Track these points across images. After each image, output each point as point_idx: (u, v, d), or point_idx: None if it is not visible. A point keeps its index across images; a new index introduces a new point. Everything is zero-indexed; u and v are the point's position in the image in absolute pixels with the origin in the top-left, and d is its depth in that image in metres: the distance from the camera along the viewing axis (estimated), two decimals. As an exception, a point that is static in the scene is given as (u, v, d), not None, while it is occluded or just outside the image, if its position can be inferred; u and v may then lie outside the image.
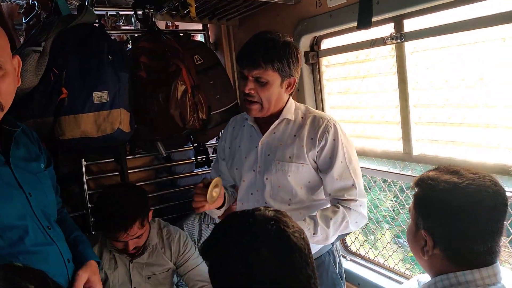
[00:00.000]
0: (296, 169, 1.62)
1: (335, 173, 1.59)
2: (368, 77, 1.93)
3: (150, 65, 2.28)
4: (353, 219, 1.59)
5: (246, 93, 1.60)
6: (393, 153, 1.86)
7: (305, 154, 1.61)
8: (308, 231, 1.50)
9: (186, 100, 2.23)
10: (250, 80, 1.57)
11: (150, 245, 2.04)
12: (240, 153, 1.76)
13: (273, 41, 1.57)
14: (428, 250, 1.09)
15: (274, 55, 1.55)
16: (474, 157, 1.53)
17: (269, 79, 1.57)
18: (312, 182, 1.65)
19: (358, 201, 1.59)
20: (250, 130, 1.76)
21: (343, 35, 1.98)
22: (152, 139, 2.37)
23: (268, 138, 1.69)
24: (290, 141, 1.65)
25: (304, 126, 1.65)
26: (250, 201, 1.72)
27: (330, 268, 1.76)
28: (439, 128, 1.65)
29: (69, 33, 2.04)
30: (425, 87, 1.68)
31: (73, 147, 2.12)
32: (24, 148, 1.36)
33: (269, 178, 1.65)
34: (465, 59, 1.51)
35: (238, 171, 1.76)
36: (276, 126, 1.68)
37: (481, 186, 1.03)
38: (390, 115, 1.85)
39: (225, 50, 2.72)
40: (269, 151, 1.67)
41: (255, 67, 1.55)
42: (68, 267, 1.38)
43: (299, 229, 0.96)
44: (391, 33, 1.70)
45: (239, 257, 0.90)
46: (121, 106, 2.02)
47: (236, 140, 1.80)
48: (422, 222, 1.10)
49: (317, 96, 2.20)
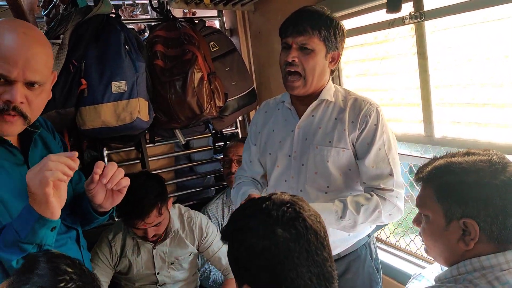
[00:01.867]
0: (336, 154, 1.54)
1: (372, 159, 1.51)
2: (387, 58, 1.89)
3: (166, 53, 2.28)
4: (387, 211, 1.48)
5: (288, 63, 1.51)
6: (414, 135, 1.83)
7: (347, 138, 1.53)
8: (336, 214, 1.44)
9: (203, 87, 2.23)
10: (294, 48, 1.50)
11: (172, 231, 2.08)
12: (273, 137, 1.67)
13: (319, 11, 1.53)
14: (474, 237, 1.00)
15: (322, 23, 1.49)
16: (500, 139, 1.48)
17: (315, 47, 1.49)
18: (353, 169, 1.56)
19: (395, 191, 1.49)
20: (286, 113, 1.67)
21: (361, 15, 1.94)
22: (171, 127, 2.39)
23: (306, 121, 1.60)
24: (330, 124, 1.56)
25: (346, 109, 1.56)
26: (284, 188, 1.62)
27: (366, 262, 1.68)
28: (462, 109, 1.61)
29: (86, 25, 2.06)
30: (446, 67, 1.63)
31: (95, 136, 2.16)
32: (43, 146, 1.35)
33: (305, 163, 1.57)
34: (490, 37, 1.45)
35: (272, 156, 1.67)
36: (315, 108, 1.59)
37: (503, 161, 1.02)
38: (411, 96, 1.81)
39: (241, 36, 2.69)
40: (306, 135, 1.59)
41: (301, 33, 1.48)
42: (83, 254, 1.39)
43: (315, 213, 0.98)
44: (410, 12, 1.66)
45: (255, 237, 0.92)
46: (139, 95, 2.04)
47: (269, 124, 1.71)
48: (459, 210, 1.01)
49: (335, 79, 2.17)
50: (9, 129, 1.14)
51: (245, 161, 1.81)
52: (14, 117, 1.12)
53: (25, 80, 1.10)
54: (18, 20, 1.24)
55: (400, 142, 1.93)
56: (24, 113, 1.13)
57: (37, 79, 1.12)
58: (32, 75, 1.11)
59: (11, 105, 1.09)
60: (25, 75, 1.09)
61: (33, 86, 1.13)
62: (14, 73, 1.07)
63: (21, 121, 1.14)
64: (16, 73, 1.08)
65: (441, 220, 1.05)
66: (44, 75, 1.15)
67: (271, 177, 1.69)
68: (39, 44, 1.14)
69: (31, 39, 1.12)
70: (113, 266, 2.07)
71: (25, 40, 1.10)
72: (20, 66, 1.08)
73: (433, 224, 1.07)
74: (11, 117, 1.11)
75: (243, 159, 1.83)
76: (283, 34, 1.54)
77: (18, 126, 1.15)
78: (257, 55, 2.69)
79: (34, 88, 1.13)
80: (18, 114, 1.12)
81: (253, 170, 1.77)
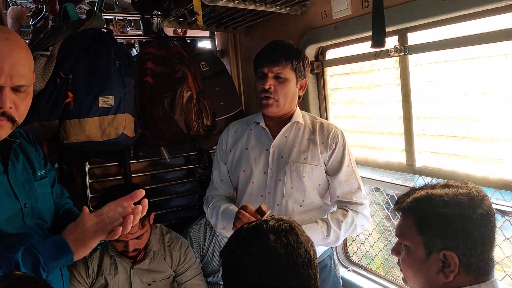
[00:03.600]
0: (311, 171, 1.72)
1: (343, 176, 1.72)
2: (372, 87, 1.94)
3: (156, 71, 2.30)
4: (360, 222, 1.70)
5: (264, 90, 1.71)
6: (395, 164, 1.86)
7: (319, 157, 1.73)
8: (322, 233, 1.62)
9: (191, 106, 2.25)
10: (269, 77, 1.71)
11: (152, 251, 2.05)
12: (248, 154, 1.80)
13: (290, 45, 1.77)
14: (454, 270, 1.01)
15: (293, 55, 1.72)
16: (477, 171, 1.53)
17: (288, 76, 1.71)
18: (322, 185, 1.75)
19: (364, 204, 1.72)
20: (260, 133, 1.83)
21: (348, 46, 1.99)
22: (156, 144, 2.39)
23: (280, 141, 1.78)
24: (304, 144, 1.76)
25: (315, 131, 1.77)
26: (259, 203, 1.64)
27: (331, 272, 1.86)
28: (442, 140, 1.65)
29: (77, 38, 2.06)
30: (428, 99, 1.68)
31: (77, 150, 2.14)
32: (23, 156, 1.36)
33: (282, 179, 1.73)
34: (468, 74, 1.51)
35: (246, 172, 1.79)
36: (288, 129, 1.78)
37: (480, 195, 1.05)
38: (394, 126, 1.85)
39: (231, 58, 2.73)
40: (281, 153, 1.76)
41: (276, 64, 1.70)
42: (63, 274, 1.38)
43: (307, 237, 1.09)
44: (395, 46, 1.71)
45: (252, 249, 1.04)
46: (126, 111, 2.03)
47: (241, 142, 1.84)
48: (439, 243, 1.02)
49: (321, 105, 2.21)
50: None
51: (216, 181, 1.90)
52: (2, 122, 1.15)
53: (12, 85, 1.13)
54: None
55: (382, 170, 1.97)
56: (12, 117, 1.16)
57: (23, 83, 1.15)
58: (18, 80, 1.13)
59: (0, 111, 1.12)
60: (12, 80, 1.12)
61: (19, 91, 1.15)
62: (2, 79, 1.10)
63: (9, 125, 1.17)
64: (4, 79, 1.10)
65: (421, 252, 1.05)
66: (29, 78, 1.18)
67: (244, 193, 1.79)
68: (22, 48, 1.17)
69: (14, 44, 1.14)
70: (89, 286, 2.02)
71: (9, 46, 1.13)
72: (7, 72, 1.10)
73: (413, 255, 1.07)
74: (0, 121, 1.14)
75: (213, 178, 1.92)
76: (259, 64, 1.75)
77: (6, 130, 1.18)
78: (247, 77, 2.73)
79: (20, 92, 1.16)
80: (7, 119, 1.15)
81: (225, 189, 1.89)
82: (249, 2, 1.93)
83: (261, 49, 1.78)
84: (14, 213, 1.26)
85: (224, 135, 1.92)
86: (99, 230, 1.19)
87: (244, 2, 1.91)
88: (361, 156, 2.02)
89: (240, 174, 1.80)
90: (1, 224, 1.21)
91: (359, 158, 2.01)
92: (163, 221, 2.42)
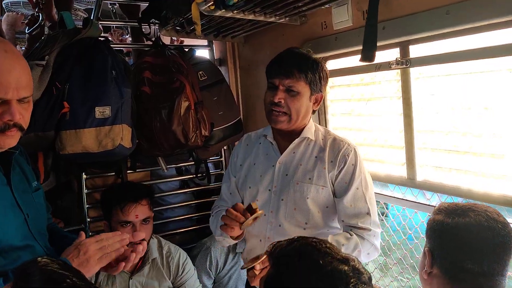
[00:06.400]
0: (316, 192, 1.59)
1: (350, 198, 1.56)
2: (373, 100, 1.92)
3: (153, 80, 2.27)
4: (365, 250, 1.53)
5: (274, 103, 1.57)
6: (396, 177, 1.84)
7: (326, 176, 1.59)
8: None
9: (189, 116, 2.21)
10: (280, 89, 1.56)
11: (150, 259, 2.02)
12: (254, 171, 1.71)
13: (306, 55, 1.62)
14: (427, 268, 1.18)
15: (308, 66, 1.57)
16: (479, 187, 1.50)
17: (300, 90, 1.56)
18: (330, 207, 1.61)
19: (372, 230, 1.55)
20: (268, 147, 1.72)
21: (348, 57, 1.97)
22: (154, 154, 2.35)
23: (287, 157, 1.66)
24: (311, 162, 1.62)
25: (325, 148, 1.63)
26: (262, 223, 1.64)
27: None
28: (443, 155, 1.63)
29: (73, 47, 2.03)
30: (430, 113, 1.66)
31: (74, 161, 2.11)
32: (19, 168, 1.38)
33: (285, 199, 1.61)
34: (471, 88, 1.49)
35: (252, 190, 1.70)
36: (296, 145, 1.66)
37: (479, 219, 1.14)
38: (394, 139, 1.83)
39: (230, 67, 2.71)
40: (287, 171, 1.64)
41: (289, 76, 1.55)
42: None
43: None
44: (396, 58, 1.69)
45: None
46: (123, 121, 2.00)
47: (250, 157, 1.76)
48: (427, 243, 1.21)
49: (321, 116, 2.19)
50: (11, 142, 1.23)
51: (225, 193, 1.83)
52: (13, 132, 1.20)
53: (18, 98, 1.17)
54: None
55: (382, 183, 1.94)
56: (22, 126, 1.22)
57: (28, 94, 1.21)
58: (24, 92, 1.18)
59: (12, 123, 1.18)
60: (19, 93, 1.17)
61: (23, 101, 1.20)
62: (9, 94, 1.14)
63: (19, 134, 1.23)
64: (11, 93, 1.15)
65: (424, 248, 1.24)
66: (31, 88, 1.23)
67: None
68: (21, 59, 1.22)
69: (15, 56, 1.18)
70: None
71: (10, 58, 1.16)
72: (14, 86, 1.14)
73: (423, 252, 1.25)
74: (11, 131, 1.19)
75: (223, 190, 1.85)
76: (270, 74, 1.61)
77: (16, 139, 1.24)
78: (245, 87, 2.70)
79: (24, 102, 1.21)
80: (17, 129, 1.21)
81: (234, 201, 1.76)
82: (248, 12, 1.90)
83: (275, 57, 1.65)
84: (20, 224, 1.29)
85: (237, 147, 1.84)
86: (103, 257, 1.27)
87: (243, 12, 1.88)
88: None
89: (246, 191, 1.72)
90: (11, 236, 1.24)
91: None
92: (160, 232, 2.39)
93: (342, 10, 1.82)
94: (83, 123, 1.92)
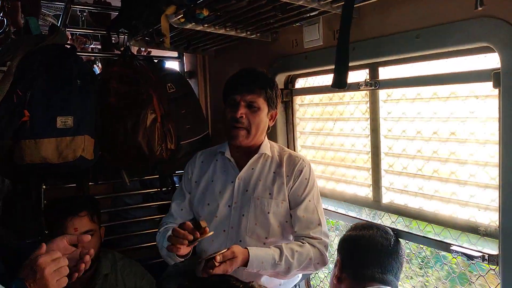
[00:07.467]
0: (276, 206, 1.65)
1: (303, 210, 1.64)
2: (341, 120, 1.92)
3: (120, 91, 2.20)
4: (316, 258, 1.59)
5: (235, 119, 1.61)
6: (362, 198, 1.84)
7: (285, 191, 1.66)
8: (273, 258, 1.50)
9: (155, 129, 2.16)
10: (242, 105, 1.62)
11: (102, 274, 1.92)
12: (213, 187, 1.72)
13: (264, 73, 1.71)
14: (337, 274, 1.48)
15: (267, 84, 1.66)
16: (444, 211, 1.51)
17: (261, 105, 1.63)
18: (289, 221, 1.67)
19: (323, 240, 1.62)
20: (225, 164, 1.75)
21: (317, 76, 1.97)
22: (117, 166, 2.28)
23: (246, 174, 1.70)
24: (270, 177, 1.68)
25: (282, 163, 1.69)
26: (222, 239, 1.66)
27: None
28: (409, 178, 1.64)
29: (37, 54, 1.95)
30: (397, 136, 1.67)
31: (33, 172, 2.02)
32: None
33: (246, 214, 1.65)
34: (438, 113, 1.51)
35: (210, 206, 1.70)
36: (255, 161, 1.71)
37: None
38: (361, 160, 1.83)
39: (200, 80, 2.68)
40: (247, 186, 1.68)
41: (250, 92, 1.62)
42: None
43: None
44: (365, 79, 1.70)
45: None
46: (86, 132, 1.92)
47: (207, 174, 1.77)
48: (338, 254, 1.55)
49: (289, 134, 2.18)
50: None
51: (175, 210, 1.82)
52: None
53: None
54: None
55: (348, 204, 1.93)
56: None
57: None
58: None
59: None
60: None
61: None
62: None
63: None
64: None
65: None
66: None
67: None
68: None
69: None
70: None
71: None
72: None
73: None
74: None
75: (173, 207, 1.83)
76: (230, 91, 1.66)
77: None
78: (214, 100, 2.67)
79: None
80: None
81: (184, 218, 1.77)
82: (219, 26, 1.88)
83: (233, 76, 1.70)
84: None
85: (191, 164, 1.84)
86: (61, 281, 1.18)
87: (213, 26, 1.86)
88: (327, 188, 1.98)
89: (204, 208, 1.72)
90: None
91: (325, 190, 1.98)
92: (121, 246, 2.30)
93: (313, 29, 1.82)
94: (43, 133, 1.84)
